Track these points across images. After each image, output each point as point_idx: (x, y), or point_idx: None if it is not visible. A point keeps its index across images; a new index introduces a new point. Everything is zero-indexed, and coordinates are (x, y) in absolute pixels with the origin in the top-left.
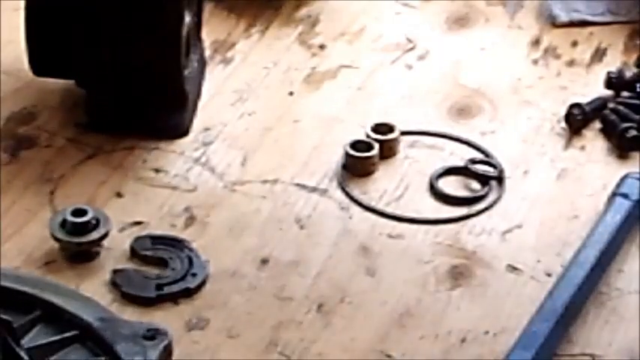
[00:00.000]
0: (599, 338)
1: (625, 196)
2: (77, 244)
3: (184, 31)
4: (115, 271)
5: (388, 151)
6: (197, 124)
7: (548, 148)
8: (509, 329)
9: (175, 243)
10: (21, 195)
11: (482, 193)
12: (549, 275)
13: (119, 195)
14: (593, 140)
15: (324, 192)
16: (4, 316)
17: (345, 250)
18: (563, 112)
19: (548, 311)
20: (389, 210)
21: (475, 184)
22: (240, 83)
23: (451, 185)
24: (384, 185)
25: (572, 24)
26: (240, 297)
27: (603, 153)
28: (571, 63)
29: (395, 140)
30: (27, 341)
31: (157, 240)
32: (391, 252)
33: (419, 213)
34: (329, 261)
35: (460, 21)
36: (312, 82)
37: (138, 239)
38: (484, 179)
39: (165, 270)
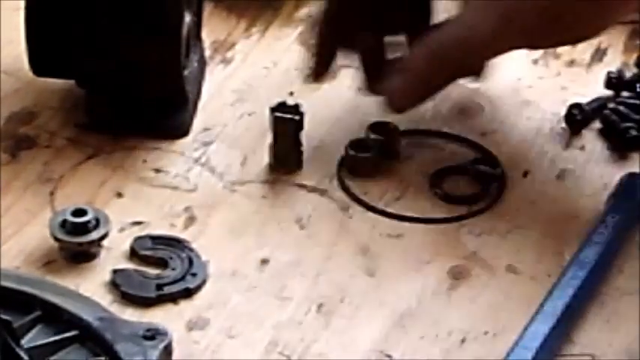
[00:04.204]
0: (599, 338)
1: (625, 196)
2: (77, 244)
3: (184, 31)
4: (115, 271)
5: (388, 151)
6: (197, 124)
7: (548, 148)
8: (509, 329)
9: (175, 243)
10: (21, 195)
11: (482, 193)
12: (549, 275)
13: (119, 195)
14: (593, 140)
15: (324, 192)
16: (4, 316)
17: (345, 250)
18: (563, 112)
19: (548, 311)
20: (389, 210)
21: (475, 184)
22: (240, 83)
23: (451, 185)
24: (384, 185)
25: None
26: (240, 297)
27: (603, 153)
28: (571, 63)
29: (395, 140)
30: (27, 341)
31: (157, 240)
32: (391, 252)
33: (419, 213)
34: (329, 261)
35: None
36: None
37: (138, 239)
38: (484, 179)
39: (165, 270)
